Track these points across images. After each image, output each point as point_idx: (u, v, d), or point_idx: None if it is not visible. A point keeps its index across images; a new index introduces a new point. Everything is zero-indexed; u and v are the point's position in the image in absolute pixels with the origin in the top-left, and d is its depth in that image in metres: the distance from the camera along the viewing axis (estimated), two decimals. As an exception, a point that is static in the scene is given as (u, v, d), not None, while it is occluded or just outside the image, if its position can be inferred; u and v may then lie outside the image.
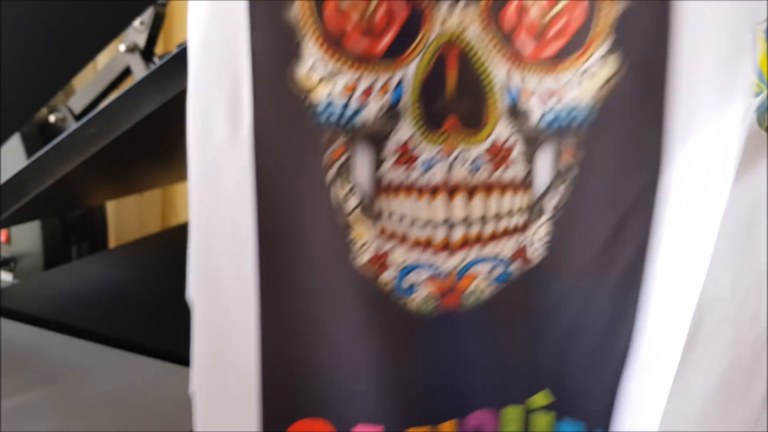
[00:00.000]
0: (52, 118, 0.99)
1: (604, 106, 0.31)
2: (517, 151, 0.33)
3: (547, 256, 0.34)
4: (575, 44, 0.30)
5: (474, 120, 0.33)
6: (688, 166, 0.31)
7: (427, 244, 0.34)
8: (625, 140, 0.31)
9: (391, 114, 0.32)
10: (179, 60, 0.67)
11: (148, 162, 0.98)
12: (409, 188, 0.33)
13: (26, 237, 1.00)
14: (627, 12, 0.30)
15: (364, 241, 0.34)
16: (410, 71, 0.32)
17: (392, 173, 0.33)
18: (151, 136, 0.81)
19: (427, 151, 0.33)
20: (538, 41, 0.31)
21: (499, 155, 0.33)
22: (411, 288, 0.35)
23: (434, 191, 0.33)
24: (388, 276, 0.34)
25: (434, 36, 0.32)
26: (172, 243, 1.14)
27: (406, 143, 0.33)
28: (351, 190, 0.34)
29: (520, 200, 0.34)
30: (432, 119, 0.33)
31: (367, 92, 0.32)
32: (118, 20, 0.72)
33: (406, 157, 0.33)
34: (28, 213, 0.82)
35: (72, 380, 0.64)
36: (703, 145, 0.30)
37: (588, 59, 0.30)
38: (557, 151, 0.33)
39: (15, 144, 0.93)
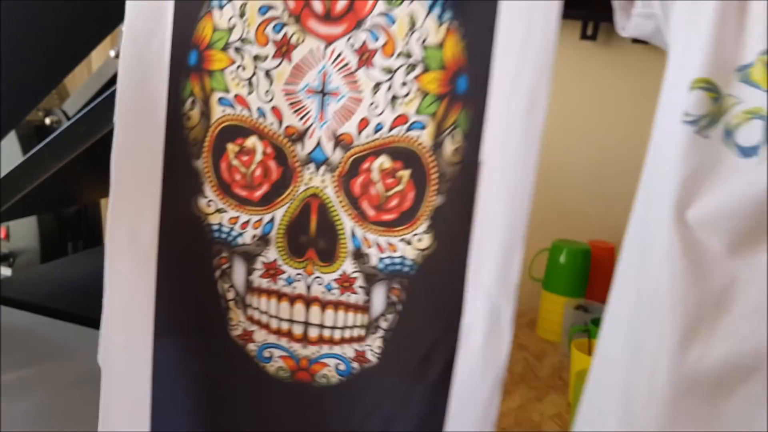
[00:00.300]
0: (47, 121, 1.05)
1: (422, 265, 0.43)
2: (359, 283, 0.45)
3: (380, 361, 0.46)
4: (404, 219, 0.43)
5: (328, 255, 0.45)
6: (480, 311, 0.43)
7: (287, 333, 0.47)
8: (436, 291, 0.44)
9: (261, 242, 0.45)
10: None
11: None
12: (272, 293, 0.46)
13: (24, 234, 1.05)
14: (442, 206, 0.42)
15: (237, 322, 0.47)
16: (279, 213, 0.44)
17: (259, 281, 0.46)
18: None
19: (290, 270, 0.45)
20: (377, 210, 0.43)
21: (346, 283, 0.45)
22: (269, 358, 0.48)
23: (295, 299, 0.46)
24: (252, 346, 0.47)
25: (302, 189, 0.44)
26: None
27: (272, 262, 0.45)
28: (230, 287, 0.47)
29: (361, 318, 0.46)
30: (297, 249, 0.45)
31: (245, 225, 0.45)
32: (108, 22, 0.77)
33: (271, 272, 0.46)
34: (25, 208, 0.87)
35: (63, 358, 0.70)
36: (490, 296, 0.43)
37: (412, 232, 0.43)
38: (388, 287, 0.44)
39: (12, 146, 0.98)
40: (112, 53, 0.98)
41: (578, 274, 1.15)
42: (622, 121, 1.26)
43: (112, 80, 1.03)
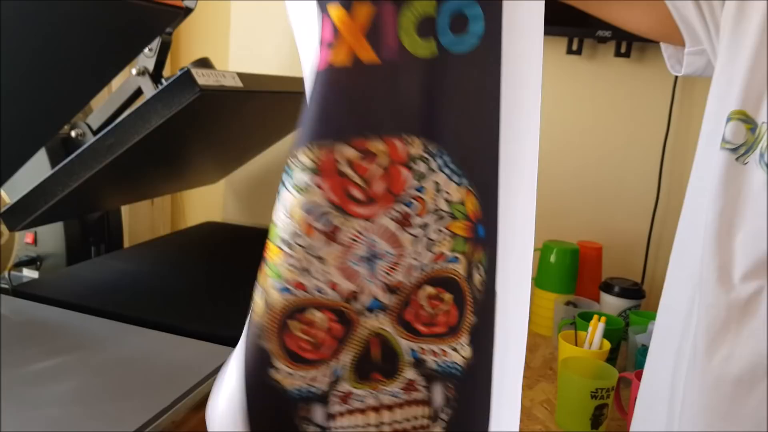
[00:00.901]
0: (73, 134, 1.12)
1: (466, 370, 0.50)
2: (421, 383, 0.50)
3: None
4: (451, 332, 0.48)
5: (392, 372, 0.50)
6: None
7: None
8: (476, 392, 0.51)
9: (334, 383, 0.49)
10: (178, 82, 0.80)
11: (156, 170, 1.12)
12: (344, 413, 0.51)
13: (51, 239, 1.13)
14: (476, 323, 0.48)
15: None
16: (347, 358, 0.49)
17: (337, 407, 0.50)
18: (158, 147, 0.94)
19: (359, 392, 0.50)
20: (428, 327, 0.48)
21: (410, 387, 0.50)
22: None
23: (366, 410, 0.50)
24: None
25: (364, 333, 0.48)
26: (176, 244, 1.28)
27: (345, 393, 0.50)
28: (313, 427, 0.51)
29: (424, 411, 0.51)
30: (364, 376, 0.49)
31: (312, 379, 0.49)
32: (132, 49, 0.85)
33: (346, 398, 0.50)
34: (55, 214, 0.94)
35: (92, 349, 0.77)
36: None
37: (458, 342, 0.49)
38: (444, 386, 0.50)
39: (41, 156, 1.06)
40: (134, 71, 1.06)
41: (568, 272, 1.21)
42: (606, 131, 1.33)
43: (133, 96, 1.12)
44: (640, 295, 1.19)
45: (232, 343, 0.75)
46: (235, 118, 1.04)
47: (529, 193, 0.44)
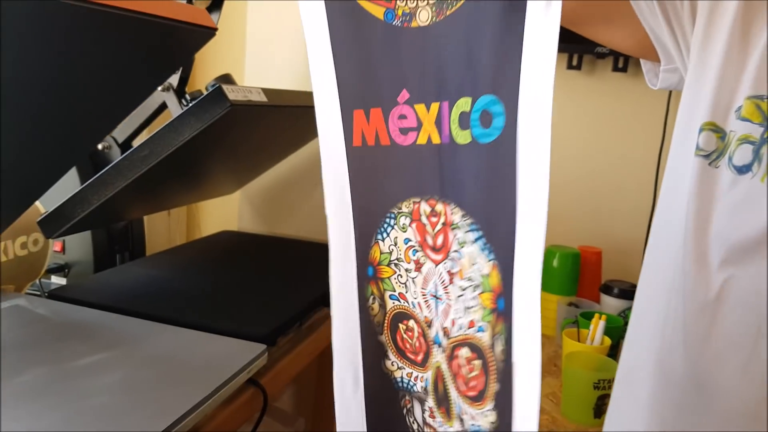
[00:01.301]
0: (99, 146, 1.19)
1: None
2: None
3: None
4: (479, 397, 0.52)
5: (449, 415, 0.56)
6: None
7: None
8: None
9: (425, 392, 0.57)
10: (210, 97, 0.87)
11: (179, 181, 1.18)
12: (431, 427, 0.58)
13: (79, 247, 1.19)
14: (499, 391, 0.51)
15: None
16: (429, 375, 0.57)
17: (428, 418, 0.58)
18: (185, 159, 1.00)
19: (439, 417, 0.57)
20: (465, 387, 0.53)
21: None
22: None
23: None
24: None
25: (434, 361, 0.56)
26: (196, 251, 1.34)
27: (431, 409, 0.58)
28: (413, 420, 0.59)
29: None
30: (439, 403, 0.57)
31: (416, 378, 0.58)
32: (167, 69, 0.91)
33: (432, 414, 0.58)
34: (88, 223, 1.00)
35: (129, 346, 0.83)
36: None
37: (485, 408, 0.52)
38: None
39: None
40: (159, 87, 1.12)
41: (569, 275, 1.28)
42: (605, 142, 1.40)
43: (157, 111, 1.18)
44: (638, 296, 1.25)
45: (257, 339, 0.83)
46: (256, 131, 1.10)
47: (536, 269, 0.47)
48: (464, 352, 0.52)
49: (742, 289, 0.56)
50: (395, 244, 0.55)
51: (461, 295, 0.51)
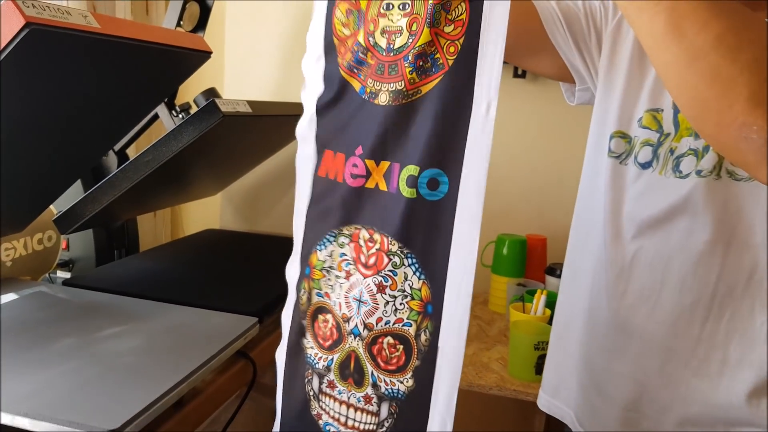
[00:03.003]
0: (98, 154, 1.32)
1: (408, 395, 0.71)
2: (375, 400, 0.72)
3: None
4: (399, 370, 0.70)
5: (359, 383, 0.72)
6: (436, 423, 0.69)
7: (337, 420, 0.75)
8: (416, 410, 0.70)
9: (326, 369, 0.75)
10: (205, 109, 1.02)
11: (172, 184, 1.32)
12: (330, 396, 0.75)
13: (81, 244, 1.33)
14: (419, 366, 0.69)
15: (314, 408, 0.76)
16: (335, 357, 0.73)
17: (326, 388, 0.75)
18: (180, 164, 1.15)
19: (340, 386, 0.74)
20: (385, 364, 0.70)
21: (368, 399, 0.73)
22: (329, 430, 0.76)
23: (342, 402, 0.75)
24: (320, 422, 0.76)
25: (347, 347, 0.72)
26: (186, 247, 1.48)
27: (332, 381, 0.75)
28: (310, 389, 0.77)
29: (374, 419, 0.73)
30: (344, 377, 0.74)
31: (320, 359, 0.75)
32: (166, 90, 1.05)
33: (331, 385, 0.75)
34: (96, 220, 1.14)
35: (141, 320, 0.97)
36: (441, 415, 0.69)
37: (404, 377, 0.71)
38: (389, 404, 0.71)
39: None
40: (153, 101, 1.26)
41: (518, 260, 1.46)
42: (547, 142, 1.58)
43: (149, 121, 1.32)
44: (577, 276, 1.44)
45: (249, 314, 0.98)
46: (240, 138, 1.26)
47: (466, 285, 0.65)
48: (388, 340, 0.71)
49: (649, 256, 0.75)
50: (330, 256, 0.72)
51: (389, 302, 0.70)
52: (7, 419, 0.69)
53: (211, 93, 1.27)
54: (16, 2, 0.60)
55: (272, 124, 1.28)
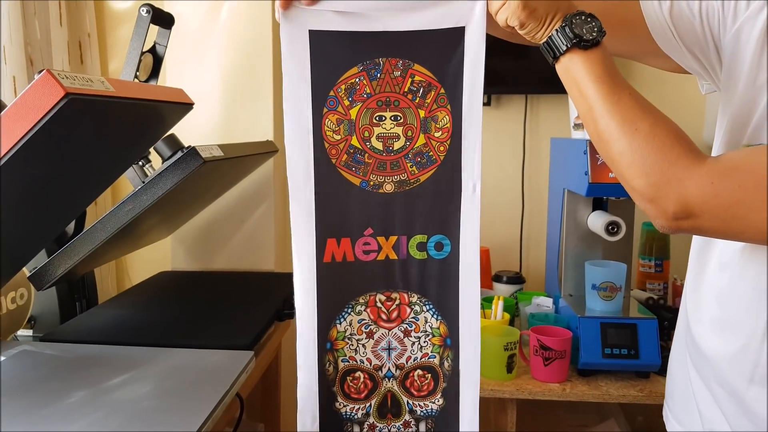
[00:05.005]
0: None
1: (440, 412, 0.88)
2: (413, 423, 0.88)
3: None
4: (431, 394, 0.88)
5: (397, 415, 0.88)
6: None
7: None
8: (448, 426, 0.89)
9: (366, 416, 0.87)
10: (188, 156, 1.06)
11: (135, 231, 1.33)
12: None
13: (45, 300, 1.30)
14: (446, 387, 0.88)
15: None
16: (373, 402, 0.87)
17: (367, 431, 0.88)
18: (149, 212, 1.17)
19: (380, 425, 0.87)
20: (417, 392, 0.88)
21: (406, 424, 0.88)
22: None
23: None
24: None
25: (383, 389, 0.87)
26: (147, 291, 1.48)
27: (371, 424, 0.87)
28: None
29: None
30: (382, 415, 0.87)
31: (357, 410, 0.88)
32: (150, 142, 1.08)
33: (372, 427, 0.87)
34: (71, 274, 1.14)
35: (138, 367, 0.99)
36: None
37: (435, 399, 0.89)
38: (426, 422, 0.88)
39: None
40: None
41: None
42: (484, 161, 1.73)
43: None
44: (521, 280, 1.58)
45: (241, 347, 1.03)
46: (207, 181, 1.30)
47: (475, 318, 0.84)
48: (418, 372, 0.87)
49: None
50: (350, 325, 0.86)
51: (415, 342, 0.87)
52: (52, 474, 0.70)
53: (172, 139, 1.30)
54: (53, 75, 0.63)
55: (234, 165, 1.33)
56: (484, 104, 1.69)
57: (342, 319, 0.85)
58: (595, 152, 1.23)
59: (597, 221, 1.34)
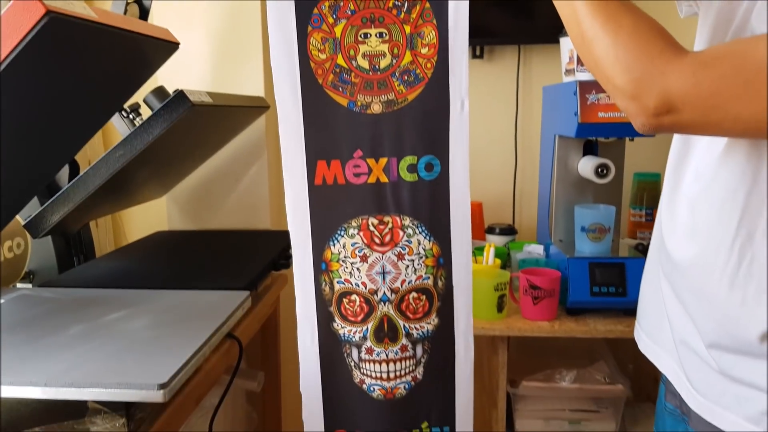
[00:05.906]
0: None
1: (434, 332, 0.93)
2: (410, 346, 0.91)
3: (423, 377, 0.95)
4: (426, 315, 0.93)
5: (394, 339, 0.90)
6: (461, 345, 0.97)
7: (380, 378, 0.92)
8: (443, 342, 0.95)
9: (363, 339, 0.90)
10: (175, 100, 1.07)
11: (128, 186, 1.35)
12: (370, 360, 0.90)
13: (40, 254, 1.32)
14: (441, 306, 0.94)
15: (356, 376, 0.92)
16: (369, 325, 0.89)
17: (365, 354, 0.90)
18: (140, 163, 1.19)
19: (377, 349, 0.90)
20: (413, 314, 0.91)
21: (404, 348, 0.91)
22: (373, 391, 0.94)
23: (381, 362, 0.92)
24: (364, 386, 0.92)
25: (379, 314, 0.89)
26: (144, 247, 1.50)
27: (369, 347, 0.89)
28: (351, 361, 0.91)
29: (412, 362, 0.93)
30: (379, 339, 0.90)
31: (354, 332, 0.91)
32: (135, 83, 1.09)
33: (369, 351, 0.89)
34: (64, 223, 1.16)
35: (134, 306, 1.01)
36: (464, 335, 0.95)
37: (430, 320, 0.93)
38: (422, 344, 0.93)
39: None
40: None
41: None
42: (475, 117, 1.74)
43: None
44: (514, 231, 1.60)
45: (238, 288, 1.04)
46: (198, 132, 1.31)
47: (466, 235, 0.87)
48: (413, 295, 0.89)
49: None
50: (343, 247, 0.88)
51: (409, 265, 0.88)
52: (51, 392, 0.72)
53: (161, 91, 1.31)
54: (35, -7, 0.64)
55: (224, 116, 1.34)
56: (477, 56, 1.70)
57: (335, 241, 0.86)
58: (585, 92, 1.24)
59: (587, 165, 1.35)
